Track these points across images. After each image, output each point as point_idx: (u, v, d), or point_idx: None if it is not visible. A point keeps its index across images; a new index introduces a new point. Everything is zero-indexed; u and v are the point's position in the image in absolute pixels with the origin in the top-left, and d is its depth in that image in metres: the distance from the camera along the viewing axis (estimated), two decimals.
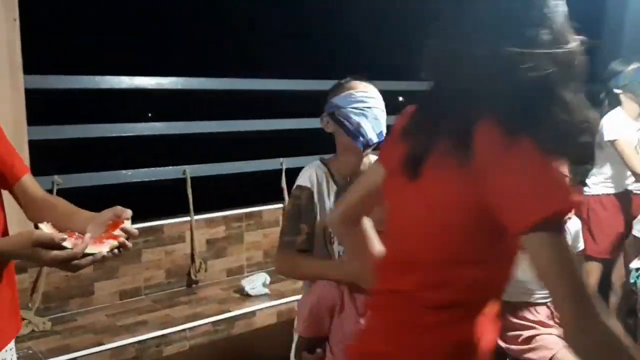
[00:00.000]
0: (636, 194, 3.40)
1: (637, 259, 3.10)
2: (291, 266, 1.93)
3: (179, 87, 3.40)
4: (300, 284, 3.32)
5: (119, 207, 1.45)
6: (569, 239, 2.46)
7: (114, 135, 3.10)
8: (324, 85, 3.96)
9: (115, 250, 1.33)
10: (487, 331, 1.14)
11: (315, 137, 3.96)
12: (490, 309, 1.14)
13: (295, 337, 2.02)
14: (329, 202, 1.94)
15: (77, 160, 2.90)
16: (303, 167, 3.72)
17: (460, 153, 0.99)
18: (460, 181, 1.00)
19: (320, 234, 1.95)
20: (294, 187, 1.99)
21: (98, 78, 3.12)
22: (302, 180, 1.97)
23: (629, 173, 3.33)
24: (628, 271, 3.17)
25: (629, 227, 3.38)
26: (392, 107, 2.03)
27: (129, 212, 1.43)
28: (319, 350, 1.80)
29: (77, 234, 1.29)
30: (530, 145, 0.93)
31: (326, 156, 2.12)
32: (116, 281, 3.12)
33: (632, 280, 3.10)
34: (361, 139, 1.92)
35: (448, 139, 1.02)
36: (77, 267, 1.28)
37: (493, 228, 0.99)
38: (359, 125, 1.91)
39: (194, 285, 3.36)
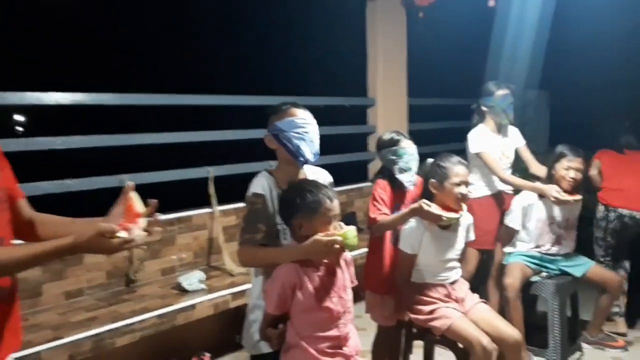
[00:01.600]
0: (507, 193, 4.14)
1: (509, 244, 3.83)
2: (253, 257, 2.33)
3: (115, 102, 3.71)
4: (230, 280, 3.75)
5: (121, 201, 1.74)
6: (462, 230, 3.06)
7: (59, 148, 3.34)
8: (250, 100, 4.46)
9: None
10: None
11: (239, 148, 4.41)
12: None
13: (251, 317, 2.43)
14: (276, 205, 2.36)
15: (24, 172, 3.10)
16: (227, 175, 4.15)
17: None
18: None
19: (273, 231, 2.38)
20: (250, 194, 2.37)
21: (39, 94, 3.34)
22: (257, 188, 2.36)
23: (496, 177, 4.05)
24: (502, 254, 3.89)
25: (502, 221, 4.11)
26: None
27: (130, 184, 1.74)
28: (280, 325, 2.22)
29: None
30: None
31: (272, 163, 2.55)
32: (61, 282, 3.36)
33: (504, 262, 3.82)
34: (301, 158, 2.37)
35: None
36: (131, 247, 1.64)
37: None
38: (299, 147, 2.35)
39: (131, 285, 3.65)
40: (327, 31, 5.49)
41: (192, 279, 3.57)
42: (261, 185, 2.38)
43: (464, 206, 2.98)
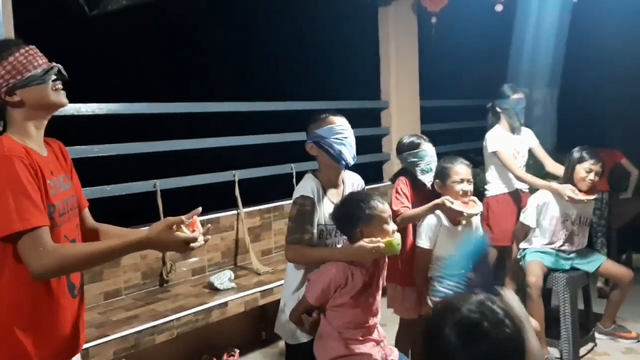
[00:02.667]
0: (524, 192, 4.31)
1: (525, 240, 4.00)
2: (302, 255, 2.50)
3: (147, 111, 3.91)
4: (257, 279, 3.92)
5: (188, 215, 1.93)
6: (473, 228, 3.23)
7: (96, 155, 3.53)
8: (268, 106, 4.66)
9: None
10: None
11: (263, 152, 4.59)
12: None
13: (287, 308, 2.60)
14: (323, 206, 2.55)
15: None
16: (253, 177, 4.32)
17: None
18: None
19: (320, 232, 2.54)
20: (298, 196, 2.54)
21: (78, 105, 3.52)
22: (305, 191, 2.54)
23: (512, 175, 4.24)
24: (517, 251, 4.06)
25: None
26: None
27: (199, 210, 1.94)
28: (314, 314, 2.39)
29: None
30: None
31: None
32: (100, 283, 3.54)
33: (519, 256, 3.99)
34: (343, 162, 2.56)
35: None
36: (191, 249, 1.84)
37: None
38: (340, 152, 2.54)
39: (165, 285, 3.83)
40: (342, 37, 5.67)
41: (223, 278, 3.74)
42: (310, 187, 2.55)
43: (479, 203, 3.17)
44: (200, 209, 1.94)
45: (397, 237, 2.35)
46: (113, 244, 1.80)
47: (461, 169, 3.14)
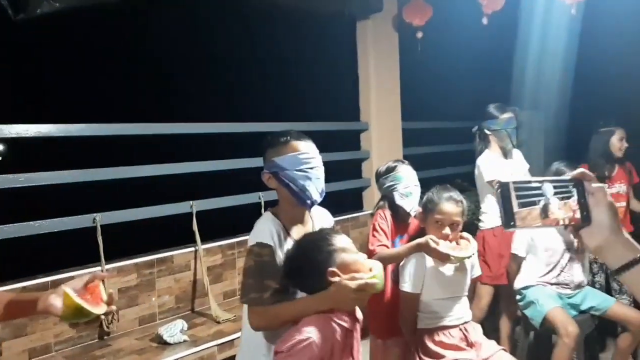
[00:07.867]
0: None
1: (517, 278, 3.52)
2: (270, 319, 1.93)
3: (85, 134, 3.35)
4: (216, 328, 3.37)
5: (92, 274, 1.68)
6: (467, 264, 2.73)
7: (21, 185, 2.97)
8: (237, 127, 4.14)
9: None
10: None
11: (223, 180, 4.06)
12: None
13: None
14: (284, 252, 1.99)
15: None
16: (213, 209, 3.78)
17: None
18: None
19: (282, 284, 1.96)
20: (254, 243, 1.99)
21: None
22: (262, 237, 1.98)
23: None
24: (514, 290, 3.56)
25: None
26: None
27: (102, 274, 1.74)
28: None
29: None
30: None
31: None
32: (24, 339, 2.95)
33: (519, 298, 3.50)
34: (308, 201, 2.02)
35: None
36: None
37: None
38: (304, 188, 2.00)
39: (105, 337, 3.26)
40: (318, 54, 5.22)
41: (174, 330, 3.18)
42: (269, 232, 2.00)
43: (473, 242, 2.68)
44: (104, 275, 1.64)
45: (380, 269, 1.86)
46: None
47: (449, 208, 2.63)
